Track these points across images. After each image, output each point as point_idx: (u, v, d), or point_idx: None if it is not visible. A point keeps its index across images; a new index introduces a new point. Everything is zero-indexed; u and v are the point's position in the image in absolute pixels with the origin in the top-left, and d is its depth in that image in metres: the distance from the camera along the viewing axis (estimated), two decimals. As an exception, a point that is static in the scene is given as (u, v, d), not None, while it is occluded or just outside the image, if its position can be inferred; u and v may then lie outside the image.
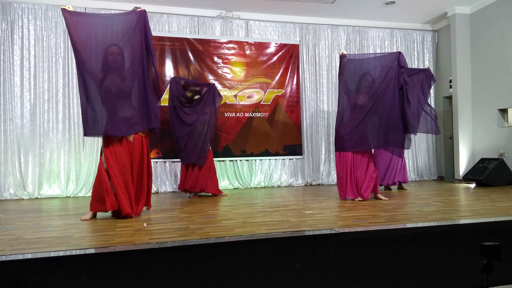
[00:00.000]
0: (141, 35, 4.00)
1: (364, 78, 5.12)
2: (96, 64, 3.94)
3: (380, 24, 8.07)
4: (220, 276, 2.55)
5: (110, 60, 3.95)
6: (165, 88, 6.97)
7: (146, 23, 4.04)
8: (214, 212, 4.35)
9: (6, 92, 6.27)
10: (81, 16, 4.16)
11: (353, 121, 5.08)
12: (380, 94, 5.01)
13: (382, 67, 5.08)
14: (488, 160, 6.81)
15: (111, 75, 3.95)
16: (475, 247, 2.42)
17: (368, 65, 5.18)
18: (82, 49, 3.87)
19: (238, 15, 7.39)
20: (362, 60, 5.31)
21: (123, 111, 3.95)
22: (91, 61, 3.91)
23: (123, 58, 4.00)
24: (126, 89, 3.97)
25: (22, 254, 2.50)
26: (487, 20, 7.20)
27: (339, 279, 2.76)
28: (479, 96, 7.39)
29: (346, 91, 5.20)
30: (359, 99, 5.10)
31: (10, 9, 6.33)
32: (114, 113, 3.92)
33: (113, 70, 3.96)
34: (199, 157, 5.83)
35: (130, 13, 4.06)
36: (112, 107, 3.93)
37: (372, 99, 5.05)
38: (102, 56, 3.94)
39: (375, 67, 5.13)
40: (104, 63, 3.95)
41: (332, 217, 3.79)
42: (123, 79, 3.98)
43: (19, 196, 6.18)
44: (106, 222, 3.75)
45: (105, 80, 3.92)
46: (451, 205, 4.44)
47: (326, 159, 7.72)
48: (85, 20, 4.01)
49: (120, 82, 3.96)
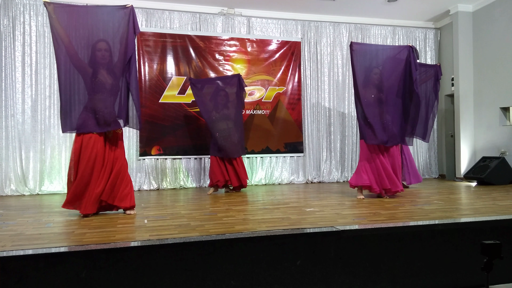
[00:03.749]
0: (128, 32, 3.94)
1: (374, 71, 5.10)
2: (84, 58, 3.89)
3: (382, 21, 8.05)
4: (220, 273, 2.55)
5: (98, 56, 3.91)
6: (166, 84, 6.98)
7: (135, 20, 3.99)
8: (214, 209, 4.35)
9: (8, 88, 6.27)
10: (66, 8, 3.99)
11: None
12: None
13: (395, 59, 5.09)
14: (489, 158, 6.80)
15: (99, 70, 3.91)
16: (475, 246, 2.42)
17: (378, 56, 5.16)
18: (68, 44, 3.80)
19: (240, 12, 7.38)
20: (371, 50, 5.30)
21: (106, 106, 3.88)
22: (78, 56, 3.86)
23: (111, 54, 3.95)
24: (113, 85, 3.92)
25: (23, 250, 2.51)
26: (490, 18, 7.17)
27: (339, 277, 2.77)
28: (481, 94, 7.37)
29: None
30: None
31: (12, 5, 6.33)
32: (99, 108, 3.87)
33: (101, 66, 3.92)
34: (236, 150, 5.94)
35: (119, 8, 3.98)
36: (97, 102, 3.88)
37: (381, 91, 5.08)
38: (90, 51, 3.89)
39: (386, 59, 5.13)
40: (91, 58, 3.91)
41: (333, 214, 3.79)
42: (111, 74, 3.94)
43: (20, 192, 6.19)
44: (106, 219, 3.76)
45: (94, 75, 3.88)
46: (452, 204, 4.43)
47: (327, 157, 7.71)
48: (72, 13, 3.92)
49: (108, 77, 3.92)
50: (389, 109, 5.02)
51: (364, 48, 5.32)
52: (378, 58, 5.11)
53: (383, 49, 5.38)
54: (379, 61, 5.10)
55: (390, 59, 5.11)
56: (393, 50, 5.22)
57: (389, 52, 5.20)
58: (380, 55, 5.14)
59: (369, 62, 5.08)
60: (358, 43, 5.41)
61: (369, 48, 5.45)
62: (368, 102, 4.98)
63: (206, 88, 6.14)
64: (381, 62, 5.10)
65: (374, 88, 5.03)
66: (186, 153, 7.01)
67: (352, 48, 5.03)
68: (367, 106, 4.97)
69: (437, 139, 8.28)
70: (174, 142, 6.97)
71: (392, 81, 5.05)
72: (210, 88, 6.15)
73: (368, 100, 4.99)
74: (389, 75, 5.07)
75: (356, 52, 5.04)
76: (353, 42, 5.14)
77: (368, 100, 4.98)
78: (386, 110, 5.01)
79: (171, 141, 6.95)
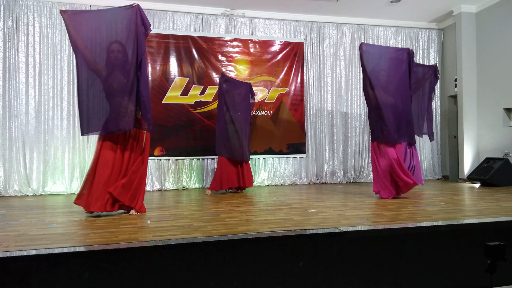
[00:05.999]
0: (137, 31, 3.97)
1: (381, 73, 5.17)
2: (101, 61, 3.96)
3: (385, 22, 8.03)
4: (223, 274, 2.55)
5: (112, 57, 3.97)
6: (169, 85, 7.00)
7: (144, 18, 4.03)
8: (217, 210, 4.35)
9: (11, 89, 6.30)
10: (79, 15, 4.11)
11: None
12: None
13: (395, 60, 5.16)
14: (493, 159, 6.77)
15: (114, 71, 3.96)
16: (479, 247, 2.40)
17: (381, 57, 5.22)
18: (84, 49, 3.88)
19: (243, 13, 7.38)
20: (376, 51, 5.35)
21: (121, 107, 3.93)
22: (95, 60, 3.93)
23: (125, 55, 3.99)
24: (127, 85, 3.96)
25: (26, 251, 2.52)
26: (493, 19, 7.15)
27: (342, 278, 2.76)
28: (484, 95, 7.35)
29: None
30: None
31: (16, 6, 6.35)
32: (114, 109, 3.93)
33: (116, 67, 3.97)
34: (245, 154, 6.00)
35: (127, 8, 4.02)
36: (112, 104, 3.94)
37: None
38: (105, 53, 3.96)
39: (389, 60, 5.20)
40: (107, 60, 3.97)
41: (336, 216, 3.78)
42: (125, 75, 3.97)
43: (23, 193, 6.21)
44: (109, 219, 3.76)
45: (109, 77, 3.94)
46: (455, 205, 4.41)
47: (330, 158, 7.70)
48: (85, 19, 4.01)
49: (122, 78, 3.96)
50: (398, 108, 5.08)
51: (373, 49, 5.36)
52: (384, 59, 5.17)
53: (386, 51, 5.46)
54: (385, 62, 5.15)
55: (393, 60, 5.17)
56: (395, 52, 5.31)
57: (392, 54, 5.28)
58: (384, 56, 5.19)
59: (377, 63, 5.13)
60: (368, 44, 5.44)
61: (377, 49, 5.51)
62: (382, 102, 5.02)
63: (231, 87, 6.13)
64: (387, 63, 5.15)
65: (383, 88, 5.08)
66: (189, 154, 7.02)
67: (363, 49, 5.08)
68: (381, 107, 5.02)
69: (440, 140, 8.25)
70: (177, 143, 6.98)
71: (397, 81, 5.11)
72: (233, 88, 6.15)
73: (382, 100, 5.03)
74: (394, 76, 5.13)
75: (367, 53, 5.09)
76: (363, 43, 5.18)
77: (382, 101, 5.03)
78: (395, 110, 5.06)
79: (174, 142, 6.96)
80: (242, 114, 6.04)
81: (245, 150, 5.98)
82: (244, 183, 6.06)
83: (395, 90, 5.10)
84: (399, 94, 5.10)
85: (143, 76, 4.00)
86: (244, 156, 5.97)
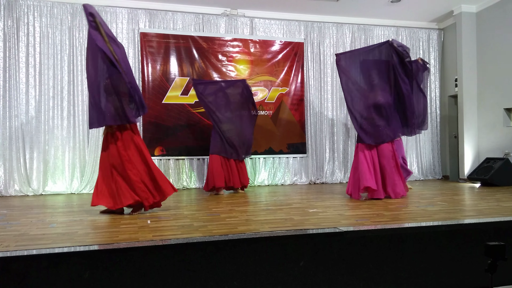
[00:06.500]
0: (89, 28, 4.02)
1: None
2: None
3: (385, 22, 8.03)
4: (223, 273, 2.55)
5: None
6: (169, 85, 7.00)
7: (87, 15, 4.02)
8: (217, 209, 4.36)
9: (12, 89, 6.30)
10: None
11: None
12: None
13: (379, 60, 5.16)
14: (493, 159, 6.77)
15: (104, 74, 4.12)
16: (479, 247, 2.40)
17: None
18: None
19: (243, 13, 7.38)
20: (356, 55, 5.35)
21: (116, 101, 4.09)
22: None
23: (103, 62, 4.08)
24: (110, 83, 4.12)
25: (26, 250, 2.52)
26: (494, 19, 7.15)
27: (342, 278, 2.76)
28: (485, 95, 7.34)
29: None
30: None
31: (16, 6, 6.35)
32: (111, 104, 4.11)
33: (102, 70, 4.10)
34: (242, 152, 6.08)
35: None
36: (108, 99, 4.11)
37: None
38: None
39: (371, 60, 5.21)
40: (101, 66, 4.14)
41: (336, 215, 3.78)
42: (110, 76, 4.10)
43: (24, 193, 6.22)
44: (110, 219, 3.77)
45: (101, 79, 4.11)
46: (456, 205, 4.41)
47: (330, 158, 7.70)
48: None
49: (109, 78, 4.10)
50: (383, 107, 5.06)
51: (349, 55, 5.34)
52: (360, 64, 5.18)
53: (364, 52, 5.37)
54: (362, 67, 5.17)
55: (369, 62, 5.17)
56: (374, 50, 5.25)
57: (371, 53, 5.24)
58: (364, 58, 5.20)
59: (355, 69, 5.18)
60: (343, 54, 5.39)
61: (354, 54, 5.42)
62: (365, 105, 5.07)
63: (209, 89, 6.18)
64: (364, 67, 5.16)
65: (363, 96, 5.12)
66: (189, 154, 7.02)
67: (336, 63, 5.19)
68: (361, 109, 5.10)
69: (440, 140, 8.25)
70: (177, 142, 6.98)
71: (382, 79, 5.09)
72: (212, 89, 6.21)
73: (361, 112, 5.11)
74: (376, 74, 5.12)
75: (340, 67, 5.18)
76: (336, 55, 5.26)
77: (361, 112, 5.11)
78: (379, 109, 5.05)
79: (174, 142, 6.96)
80: (234, 113, 6.08)
81: (239, 149, 6.02)
82: (240, 182, 6.09)
83: (378, 91, 5.06)
84: (381, 93, 5.06)
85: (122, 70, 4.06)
86: (239, 155, 6.04)
